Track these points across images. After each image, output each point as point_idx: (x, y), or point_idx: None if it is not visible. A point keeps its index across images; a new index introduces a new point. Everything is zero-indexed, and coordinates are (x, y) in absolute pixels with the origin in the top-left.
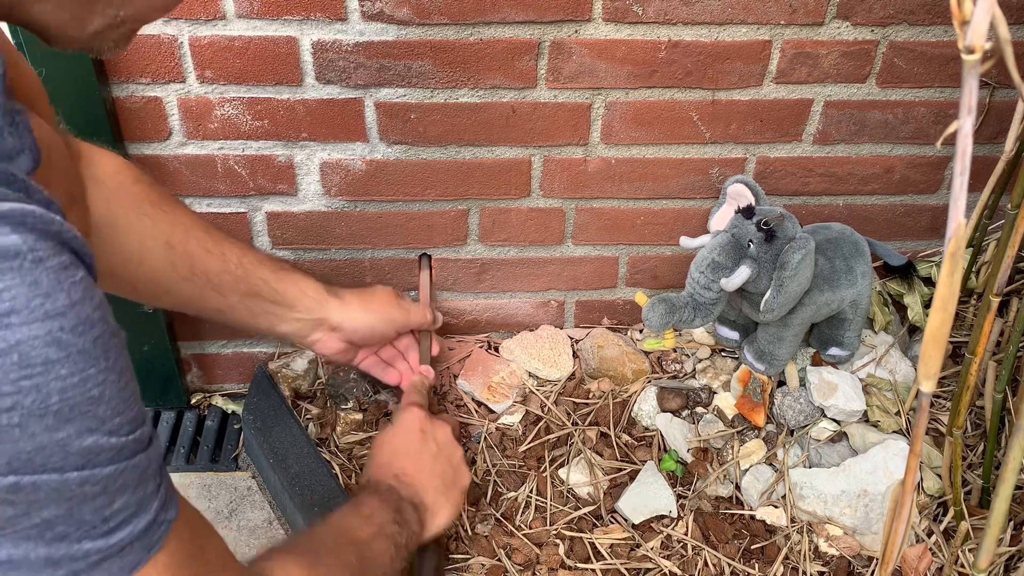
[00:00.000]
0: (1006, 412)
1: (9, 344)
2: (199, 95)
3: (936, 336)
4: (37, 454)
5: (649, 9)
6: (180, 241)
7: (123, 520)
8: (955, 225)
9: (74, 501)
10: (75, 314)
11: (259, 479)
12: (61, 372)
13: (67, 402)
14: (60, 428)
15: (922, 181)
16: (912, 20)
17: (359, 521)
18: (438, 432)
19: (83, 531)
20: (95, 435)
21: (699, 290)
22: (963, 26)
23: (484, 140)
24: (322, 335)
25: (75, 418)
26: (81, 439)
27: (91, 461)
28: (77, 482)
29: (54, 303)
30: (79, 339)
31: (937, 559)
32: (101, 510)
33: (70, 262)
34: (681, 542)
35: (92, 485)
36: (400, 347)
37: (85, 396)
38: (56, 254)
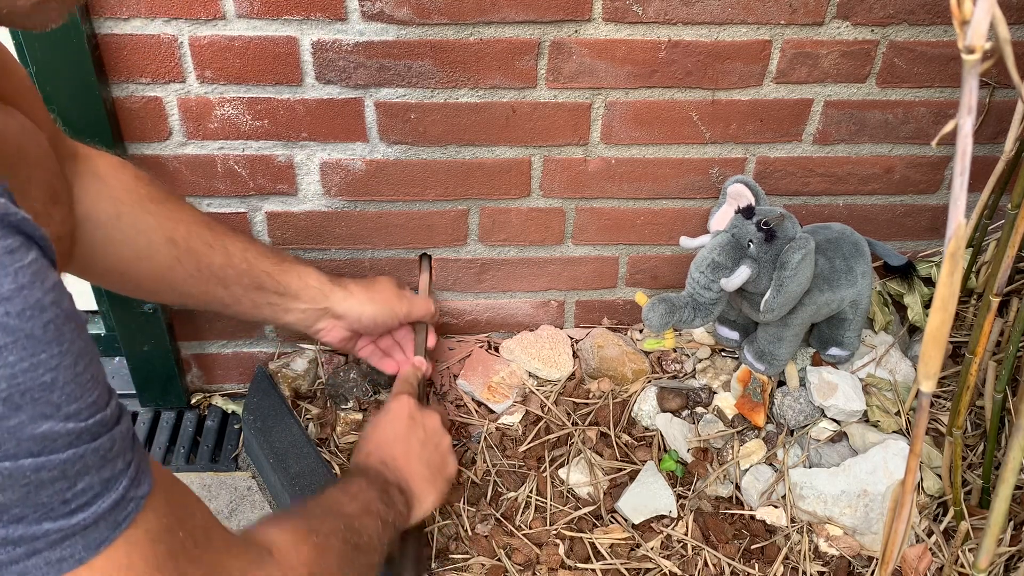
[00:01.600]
0: (1006, 412)
1: None
2: (199, 95)
3: (936, 336)
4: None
5: (649, 9)
6: (183, 237)
7: (86, 501)
8: (955, 225)
9: (30, 487)
10: (23, 298)
11: (259, 479)
12: (9, 359)
13: (16, 388)
14: (11, 416)
15: (922, 181)
16: (912, 20)
17: (347, 498)
18: (427, 420)
19: (41, 513)
20: (49, 421)
21: (699, 290)
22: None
23: (484, 140)
24: (326, 324)
25: (26, 405)
26: (34, 425)
27: (47, 448)
28: (32, 468)
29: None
30: (27, 323)
31: (937, 559)
32: (61, 493)
33: (18, 245)
34: (681, 542)
35: (48, 471)
36: (398, 337)
37: (36, 382)
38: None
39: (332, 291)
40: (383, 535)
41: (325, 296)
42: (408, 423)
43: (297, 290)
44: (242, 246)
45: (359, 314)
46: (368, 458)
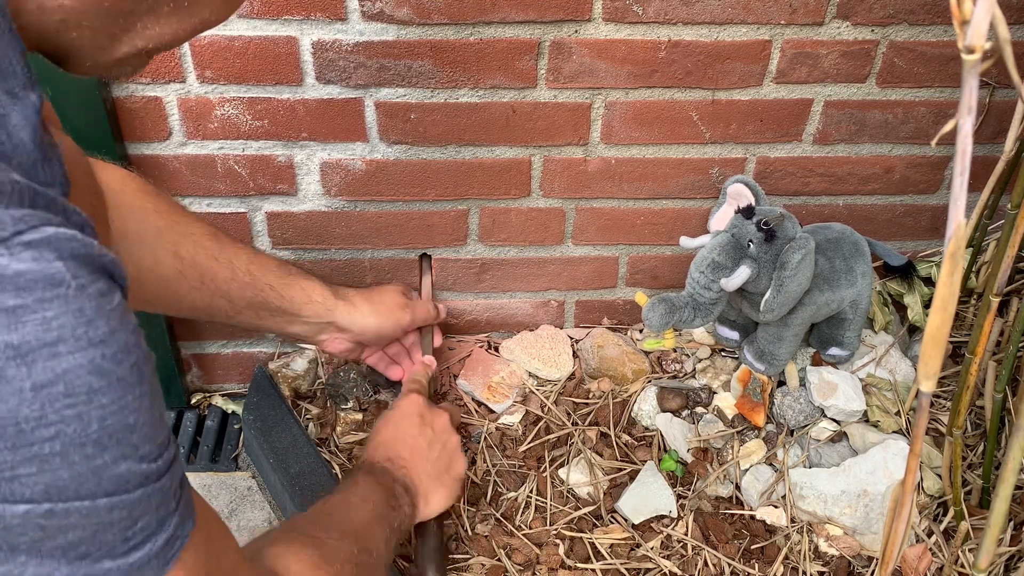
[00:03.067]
0: (1006, 412)
1: (56, 374)
2: (199, 95)
3: (936, 336)
4: (73, 481)
5: (649, 9)
6: (189, 252)
7: (143, 539)
8: (955, 225)
9: (101, 525)
10: (115, 341)
11: (259, 479)
12: (103, 401)
13: (106, 430)
14: (98, 456)
15: (922, 181)
16: (912, 20)
17: (357, 500)
18: (436, 419)
19: (104, 551)
20: (128, 461)
21: (699, 290)
22: (963, 26)
23: (484, 140)
24: (329, 336)
25: (112, 446)
26: (116, 466)
27: (121, 487)
28: (106, 508)
29: (96, 330)
30: (119, 367)
31: (937, 559)
32: (124, 531)
33: (107, 288)
34: (681, 542)
35: (120, 510)
36: (406, 344)
37: (122, 424)
38: (95, 280)
39: (336, 305)
40: (390, 542)
41: (329, 311)
42: (417, 421)
43: (301, 304)
44: (247, 260)
45: (363, 327)
46: (375, 454)
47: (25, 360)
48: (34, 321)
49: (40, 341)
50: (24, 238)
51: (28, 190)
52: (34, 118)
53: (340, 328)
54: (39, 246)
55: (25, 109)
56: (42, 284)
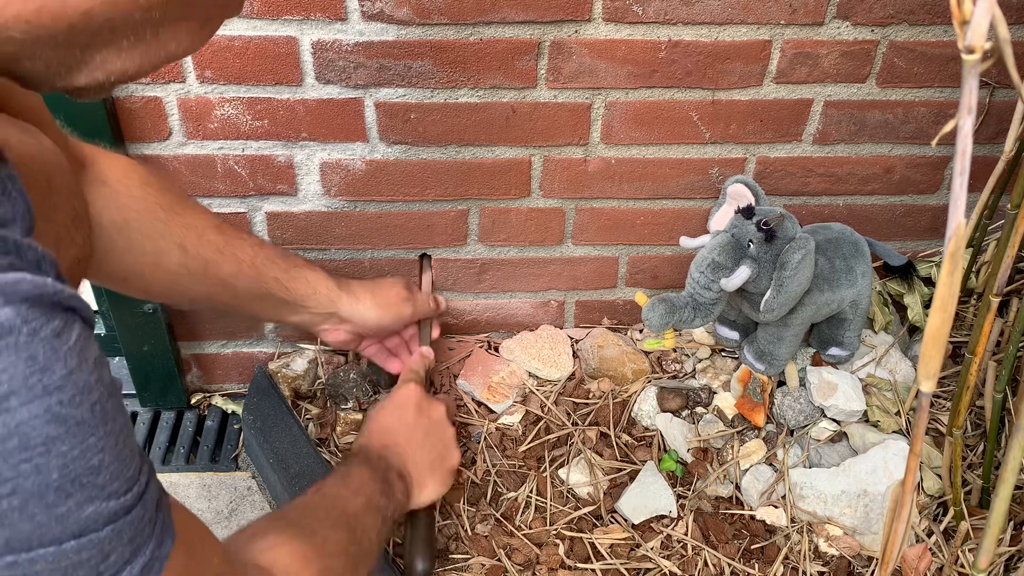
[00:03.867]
0: (1006, 412)
1: (9, 429)
2: (199, 95)
3: (936, 336)
4: (35, 532)
5: (649, 9)
6: (193, 244)
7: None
8: (955, 225)
9: (70, 566)
10: (72, 384)
11: (259, 479)
12: (62, 448)
13: (67, 477)
14: (60, 504)
15: (922, 181)
16: (912, 20)
17: (349, 493)
18: (433, 410)
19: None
20: (95, 503)
21: (699, 290)
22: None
23: (484, 140)
24: (330, 326)
25: (76, 491)
26: (81, 510)
27: (89, 527)
28: (74, 550)
29: (51, 376)
30: (77, 410)
31: (937, 559)
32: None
33: (63, 325)
34: (681, 542)
35: (89, 550)
36: (405, 337)
37: (86, 467)
38: (49, 320)
39: (339, 297)
40: (382, 532)
41: (332, 302)
42: (414, 410)
43: (305, 296)
44: (252, 251)
45: (364, 319)
46: (370, 440)
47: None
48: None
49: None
50: None
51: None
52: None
53: (342, 319)
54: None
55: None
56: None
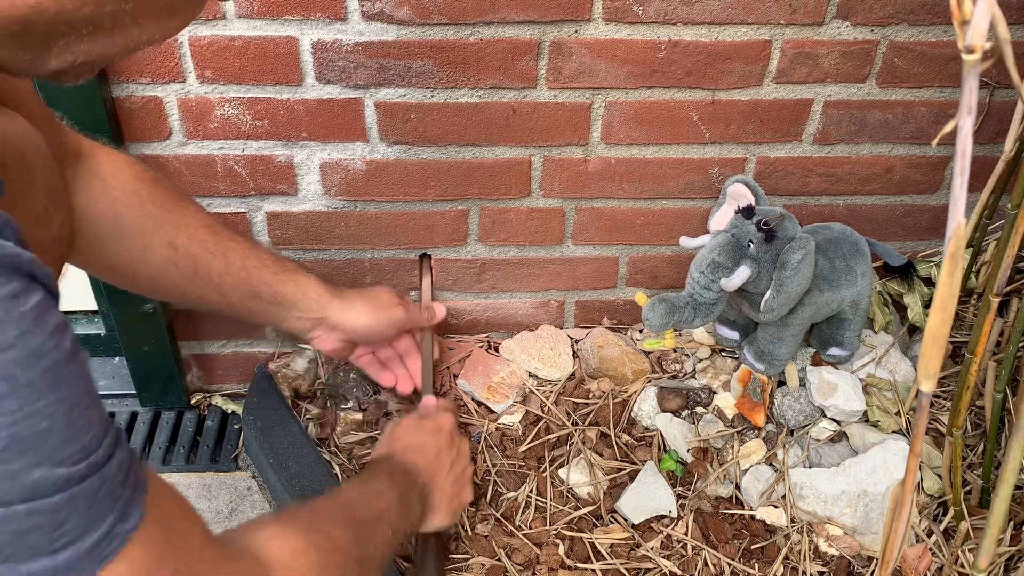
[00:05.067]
0: (1006, 412)
1: None
2: (199, 95)
3: (936, 336)
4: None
5: (649, 9)
6: (183, 242)
7: (71, 540)
8: (955, 225)
9: (21, 530)
10: (24, 345)
11: (259, 479)
12: (10, 407)
13: (14, 438)
14: (8, 463)
15: (922, 181)
16: (912, 20)
17: (364, 500)
18: (463, 445)
19: (29, 552)
20: (43, 468)
21: (699, 290)
22: (963, 26)
23: (484, 140)
24: (321, 333)
25: (23, 453)
26: (28, 473)
27: (38, 492)
28: (24, 513)
29: (3, 335)
30: (27, 372)
31: (937, 559)
32: (48, 533)
33: (22, 288)
34: (681, 542)
35: (40, 515)
36: (399, 349)
37: (33, 430)
38: (6, 283)
39: (330, 302)
40: (391, 544)
41: (323, 307)
42: (448, 439)
43: (294, 300)
44: (243, 253)
45: (355, 325)
46: (403, 455)
47: None
48: None
49: None
50: None
51: None
52: None
53: (332, 325)
54: None
55: None
56: None
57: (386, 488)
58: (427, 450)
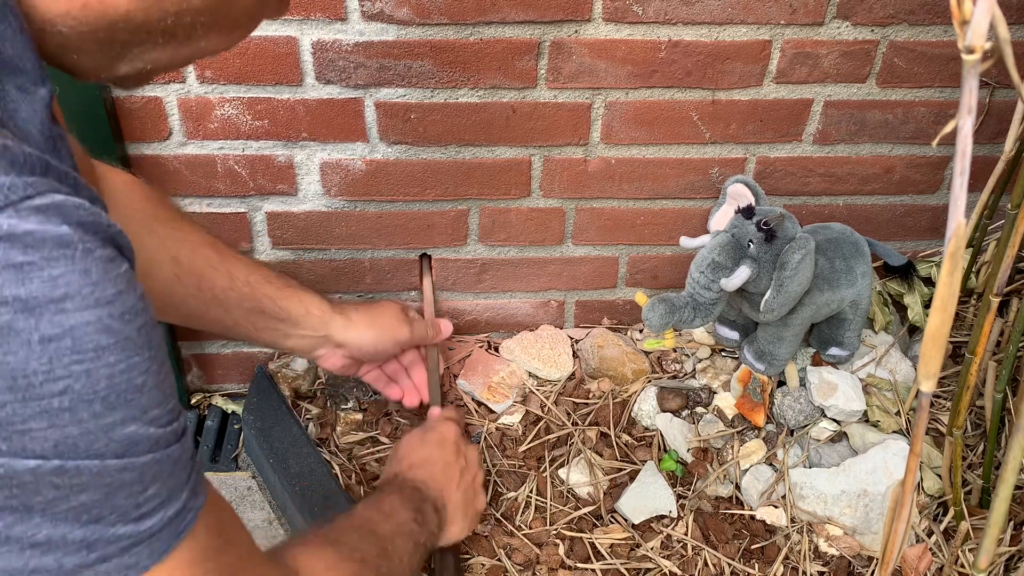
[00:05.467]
0: (1006, 412)
1: (64, 329)
2: (199, 95)
3: (936, 336)
4: (82, 439)
5: (649, 9)
6: (187, 258)
7: (154, 507)
8: (955, 225)
9: (112, 487)
10: (122, 302)
11: (259, 479)
12: (110, 359)
13: (114, 389)
14: (106, 414)
15: (922, 181)
16: (912, 20)
17: (380, 516)
18: (470, 452)
19: (117, 515)
20: (136, 423)
21: (699, 290)
22: (963, 26)
23: (484, 140)
24: (325, 351)
25: (120, 405)
26: (124, 427)
27: (130, 449)
28: (116, 468)
29: (103, 291)
30: (126, 327)
31: (937, 559)
32: (135, 496)
33: (115, 255)
34: (681, 542)
35: (130, 472)
36: (404, 362)
37: (130, 384)
38: (102, 246)
39: (333, 319)
40: (414, 556)
41: (326, 324)
42: (454, 448)
43: (298, 317)
44: (246, 270)
45: (359, 343)
46: (409, 472)
47: (33, 314)
48: (41, 277)
49: (47, 296)
50: (33, 202)
51: (40, 160)
52: (43, 112)
53: (336, 343)
54: (47, 210)
55: (34, 103)
56: (49, 244)
57: (399, 505)
58: (434, 463)
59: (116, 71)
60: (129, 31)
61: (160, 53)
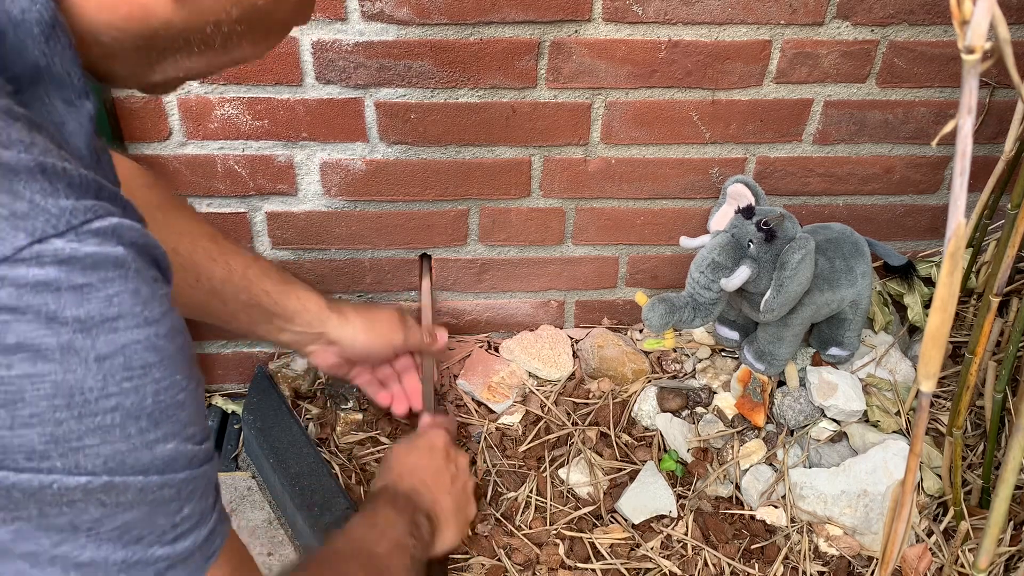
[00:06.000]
0: (1006, 412)
1: (117, 347)
2: (199, 95)
3: (936, 336)
4: (129, 455)
5: (649, 9)
6: (187, 249)
7: (189, 528)
8: (955, 225)
9: (152, 505)
10: (166, 322)
11: (259, 479)
12: (156, 375)
13: (159, 405)
14: (151, 430)
15: (922, 181)
16: (912, 20)
17: (376, 534)
18: (460, 459)
19: (155, 535)
20: (176, 440)
21: (699, 290)
22: (963, 26)
23: (484, 140)
24: (319, 347)
25: (164, 422)
26: (166, 443)
27: (170, 466)
28: (158, 485)
29: (151, 311)
30: (170, 345)
31: (937, 559)
32: (172, 516)
33: (159, 276)
34: (681, 542)
35: (169, 489)
36: (398, 368)
37: (173, 400)
38: (149, 267)
39: (329, 316)
40: (411, 570)
41: (322, 321)
42: (443, 455)
43: (294, 312)
44: (245, 263)
45: (352, 341)
46: (400, 481)
47: (90, 333)
48: (98, 298)
49: (103, 316)
50: (93, 226)
51: (95, 183)
52: (88, 125)
53: (330, 340)
54: (105, 233)
55: (80, 117)
56: (107, 265)
57: (393, 517)
58: (423, 470)
59: (151, 78)
60: (168, 39)
61: (195, 61)
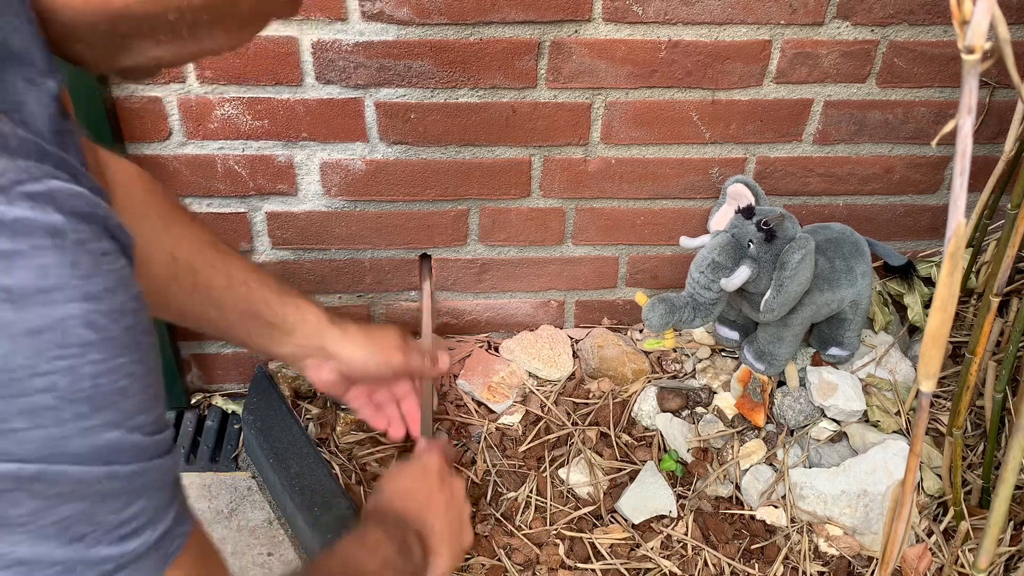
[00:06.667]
0: (1006, 412)
1: (50, 321)
2: (199, 95)
3: (936, 336)
4: (65, 442)
5: (649, 9)
6: (185, 255)
7: (139, 527)
8: (955, 225)
9: (95, 498)
10: (111, 300)
11: (259, 479)
12: (95, 356)
13: (98, 389)
14: (89, 416)
15: (922, 181)
16: (912, 20)
17: (365, 553)
18: (455, 484)
19: (100, 533)
20: (119, 429)
21: (699, 290)
22: (963, 26)
23: (484, 140)
24: (316, 362)
25: (104, 408)
26: (107, 431)
27: (114, 457)
28: (99, 477)
29: (93, 286)
30: (113, 325)
31: (937, 559)
32: (118, 512)
33: (110, 249)
34: (681, 542)
35: (113, 481)
36: (395, 392)
37: (114, 386)
38: (96, 239)
39: (329, 330)
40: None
41: (321, 334)
42: (438, 480)
43: (293, 324)
44: (245, 272)
45: (350, 357)
46: (391, 504)
47: (18, 305)
48: (28, 267)
49: (34, 287)
50: (24, 188)
51: (36, 145)
52: (51, 105)
53: (329, 354)
54: (38, 198)
55: (42, 96)
56: (39, 232)
57: (383, 538)
58: (416, 494)
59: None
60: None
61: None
